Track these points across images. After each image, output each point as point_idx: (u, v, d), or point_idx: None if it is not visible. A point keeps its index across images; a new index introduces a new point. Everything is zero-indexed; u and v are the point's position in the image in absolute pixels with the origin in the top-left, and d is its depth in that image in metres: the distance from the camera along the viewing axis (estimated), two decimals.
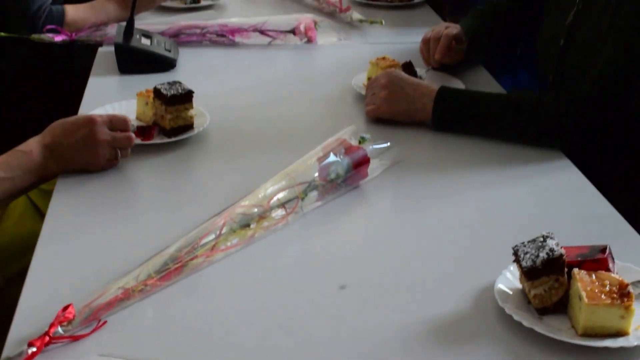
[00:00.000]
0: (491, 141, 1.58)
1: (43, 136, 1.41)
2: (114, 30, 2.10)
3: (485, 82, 1.91)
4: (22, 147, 1.40)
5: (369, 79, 1.78)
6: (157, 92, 1.56)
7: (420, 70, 1.84)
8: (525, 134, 1.59)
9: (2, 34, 2.10)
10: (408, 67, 1.77)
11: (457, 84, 1.82)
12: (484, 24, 2.01)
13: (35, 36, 2.10)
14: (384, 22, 2.25)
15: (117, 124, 1.43)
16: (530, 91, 1.69)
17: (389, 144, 1.47)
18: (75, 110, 1.69)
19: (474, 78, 1.92)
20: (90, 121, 1.41)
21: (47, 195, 1.52)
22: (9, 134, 2.18)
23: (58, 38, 2.10)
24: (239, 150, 1.54)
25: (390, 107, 1.65)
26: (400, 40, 2.17)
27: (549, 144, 1.57)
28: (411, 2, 2.47)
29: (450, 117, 1.63)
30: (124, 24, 1.99)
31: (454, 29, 1.94)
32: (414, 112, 1.65)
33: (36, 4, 2.14)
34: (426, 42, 1.94)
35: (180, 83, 1.58)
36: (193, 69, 1.96)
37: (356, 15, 2.30)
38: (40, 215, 1.55)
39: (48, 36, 2.10)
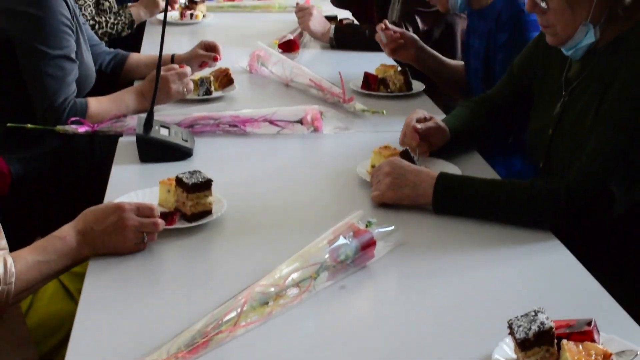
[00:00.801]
0: (488, 223, 1.71)
1: (76, 223, 1.54)
2: (133, 122, 2.25)
3: (479, 168, 2.04)
4: (57, 233, 1.53)
5: (372, 166, 1.92)
6: (179, 180, 1.70)
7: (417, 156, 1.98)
8: (518, 217, 1.72)
9: (29, 125, 2.25)
10: (406, 155, 1.92)
11: (454, 169, 1.96)
12: (466, 120, 2.17)
13: (60, 127, 2.25)
14: (385, 112, 2.40)
15: (144, 211, 1.56)
16: (522, 180, 1.83)
17: (393, 227, 1.60)
18: (100, 197, 1.82)
19: (469, 163, 2.05)
20: (119, 208, 1.54)
21: (77, 277, 1.65)
22: (38, 219, 2.32)
23: (81, 129, 2.25)
24: (255, 234, 1.66)
25: (394, 193, 1.78)
26: (400, 128, 2.31)
27: (540, 226, 1.70)
28: (410, 93, 2.62)
29: (450, 201, 1.76)
30: (143, 115, 2.14)
31: (415, 114, 2.09)
32: (416, 197, 1.78)
33: (61, 97, 2.30)
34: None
35: (200, 172, 1.71)
36: (208, 158, 2.09)
37: (359, 105, 2.45)
38: (70, 296, 1.67)
39: (72, 127, 2.25)
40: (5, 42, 2.31)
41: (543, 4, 1.82)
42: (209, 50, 2.75)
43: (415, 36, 2.71)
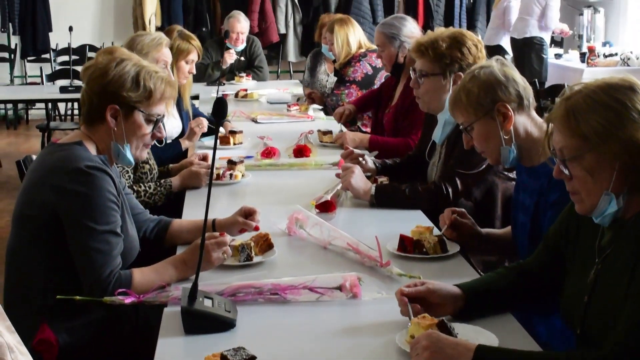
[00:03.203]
0: None
1: None
2: (177, 291, 2.32)
3: (516, 334, 2.08)
4: None
5: (411, 336, 1.96)
6: (224, 358, 1.75)
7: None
8: None
9: (78, 297, 2.33)
10: (442, 325, 1.96)
11: (491, 338, 2.00)
12: (488, 281, 2.26)
13: (107, 299, 2.33)
14: (421, 277, 2.45)
15: None
16: (559, 352, 1.87)
17: None
18: None
19: (506, 329, 2.09)
20: None
21: None
22: None
23: (128, 300, 2.32)
24: None
25: None
26: None
27: None
28: (445, 254, 2.68)
29: None
30: (187, 286, 2.21)
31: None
32: None
33: (107, 270, 2.39)
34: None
35: (244, 349, 1.78)
36: (251, 328, 2.15)
37: (395, 269, 2.51)
38: None
39: (119, 298, 2.32)
40: (53, 217, 2.43)
41: (566, 171, 1.91)
42: (248, 216, 2.83)
43: (476, 230, 2.78)
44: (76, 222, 2.41)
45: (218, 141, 4.35)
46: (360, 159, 3.60)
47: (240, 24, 7.05)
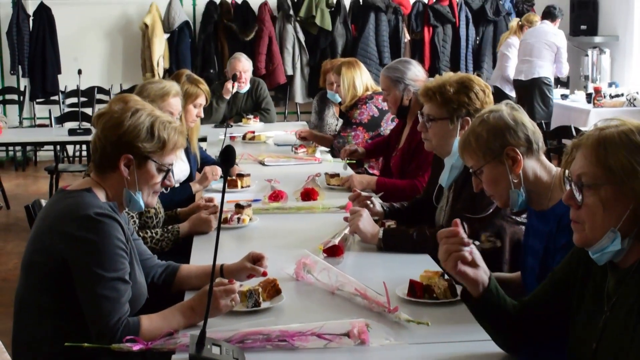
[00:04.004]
0: None
1: None
2: (185, 338, 2.31)
3: None
4: None
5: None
6: None
7: None
8: None
9: (86, 344, 2.33)
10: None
11: None
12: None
13: (115, 346, 2.32)
14: (429, 324, 2.44)
15: None
16: None
17: None
18: None
19: None
20: None
21: None
22: None
23: (136, 347, 2.32)
24: None
25: None
26: (446, 339, 2.35)
27: None
28: (455, 299, 2.67)
29: None
30: (195, 333, 2.20)
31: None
32: None
33: (115, 317, 2.39)
34: None
35: None
36: None
37: (404, 315, 2.50)
38: None
39: (127, 345, 2.32)
40: (61, 264, 2.44)
41: (579, 197, 1.91)
42: (256, 262, 2.83)
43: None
44: (85, 269, 2.42)
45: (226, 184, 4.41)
46: (368, 202, 3.60)
47: (242, 63, 7.10)
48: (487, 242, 3.07)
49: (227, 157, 2.23)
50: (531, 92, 8.79)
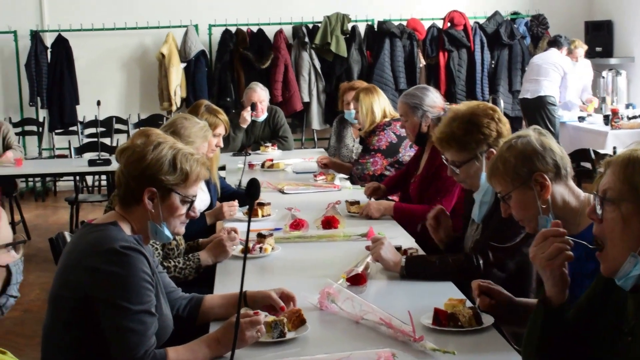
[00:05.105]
0: None
1: None
2: None
3: None
4: None
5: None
6: None
7: None
8: None
9: None
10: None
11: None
12: None
13: None
14: (455, 353, 2.44)
15: None
16: None
17: None
18: None
19: None
20: None
21: None
22: None
23: None
24: None
25: None
26: None
27: None
28: (480, 327, 2.66)
29: None
30: None
31: None
32: None
33: (142, 349, 2.40)
34: None
35: None
36: None
37: (429, 344, 2.49)
38: None
39: None
40: (87, 298, 2.45)
41: (599, 212, 1.92)
42: (284, 299, 2.83)
43: (508, 294, 2.73)
44: (111, 303, 2.43)
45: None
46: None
47: (257, 94, 7.16)
48: None
49: (252, 190, 2.24)
50: (536, 111, 9.05)
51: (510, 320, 2.82)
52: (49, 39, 10.34)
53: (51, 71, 10.20)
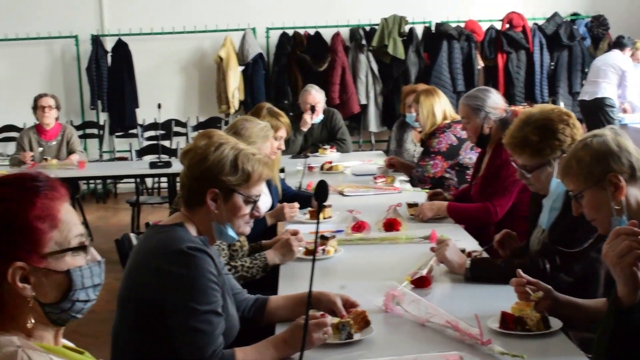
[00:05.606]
0: None
1: None
2: None
3: None
4: None
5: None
6: None
7: None
8: None
9: None
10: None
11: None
12: None
13: None
14: (525, 357, 2.41)
15: None
16: None
17: None
18: None
19: None
20: None
21: None
22: None
23: None
24: None
25: None
26: None
27: None
28: (548, 331, 2.63)
29: None
30: None
31: None
32: None
33: (210, 349, 2.42)
34: None
35: None
36: None
37: (498, 348, 2.47)
38: None
39: None
40: (154, 299, 2.46)
41: None
42: (347, 305, 2.82)
43: (550, 287, 2.74)
44: (178, 303, 2.45)
45: (308, 215, 4.44)
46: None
47: (312, 96, 7.18)
48: None
49: (321, 193, 2.25)
50: (595, 113, 9.00)
51: (579, 322, 2.78)
52: (109, 44, 10.50)
53: (111, 75, 10.36)
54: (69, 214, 1.74)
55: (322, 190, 2.25)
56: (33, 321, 1.67)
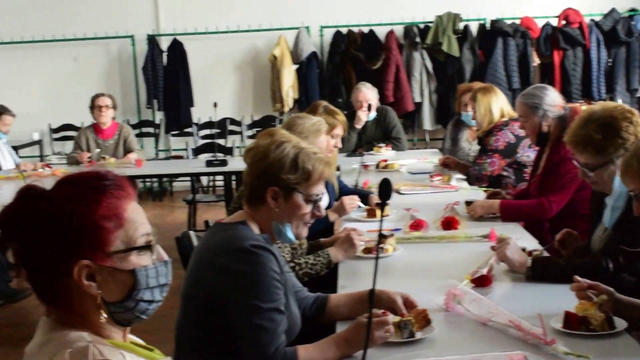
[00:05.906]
0: None
1: None
2: None
3: None
4: None
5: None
6: None
7: None
8: None
9: None
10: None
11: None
12: None
13: None
14: (590, 357, 2.38)
15: None
16: None
17: None
18: None
19: None
20: None
21: None
22: None
23: None
24: None
25: None
26: None
27: None
28: (613, 331, 2.59)
29: None
30: None
31: None
32: None
33: (273, 347, 2.44)
34: None
35: None
36: None
37: (561, 347, 2.44)
38: None
39: None
40: (217, 297, 2.49)
41: None
42: (407, 305, 2.81)
43: (611, 289, 2.71)
44: (241, 301, 2.47)
45: (365, 214, 4.44)
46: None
47: (362, 93, 7.18)
48: None
49: (385, 190, 2.24)
50: None
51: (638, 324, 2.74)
52: (164, 43, 10.61)
53: (167, 74, 10.47)
54: (136, 212, 1.76)
55: (385, 188, 2.24)
56: (105, 316, 1.68)
